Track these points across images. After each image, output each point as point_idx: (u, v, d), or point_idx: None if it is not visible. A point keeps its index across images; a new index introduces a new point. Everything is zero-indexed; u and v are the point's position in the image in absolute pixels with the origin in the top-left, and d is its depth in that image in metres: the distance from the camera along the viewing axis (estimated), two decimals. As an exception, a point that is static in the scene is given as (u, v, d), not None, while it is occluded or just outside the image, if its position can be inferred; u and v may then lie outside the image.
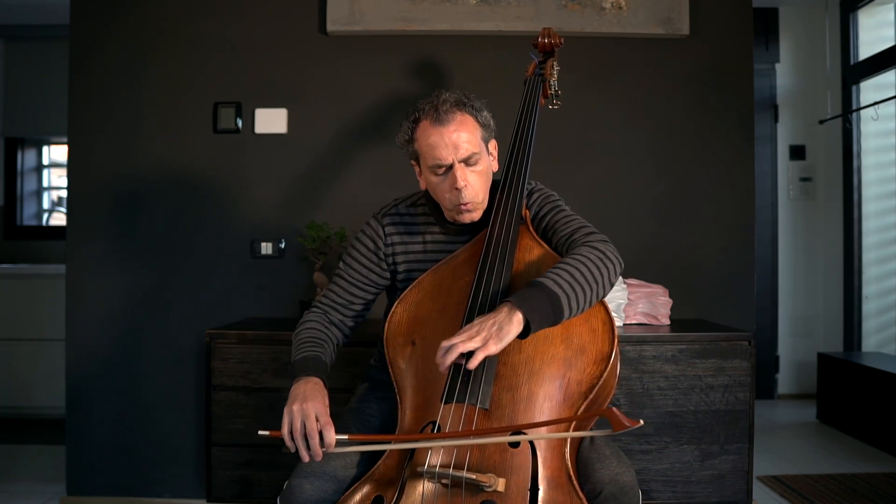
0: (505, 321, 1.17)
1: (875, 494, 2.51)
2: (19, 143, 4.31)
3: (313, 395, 1.27)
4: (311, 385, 1.31)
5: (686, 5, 2.38)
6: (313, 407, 1.24)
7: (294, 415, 1.23)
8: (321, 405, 1.25)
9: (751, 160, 2.45)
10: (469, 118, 1.42)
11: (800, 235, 4.17)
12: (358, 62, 2.44)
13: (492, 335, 1.16)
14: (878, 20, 3.87)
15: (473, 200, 1.42)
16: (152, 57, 2.45)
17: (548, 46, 1.82)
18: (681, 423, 1.98)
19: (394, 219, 1.56)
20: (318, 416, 1.23)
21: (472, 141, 1.40)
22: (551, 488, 1.17)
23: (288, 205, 2.44)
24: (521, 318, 1.18)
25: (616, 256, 1.34)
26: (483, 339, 1.16)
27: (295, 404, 1.25)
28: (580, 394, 1.25)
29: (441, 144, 1.38)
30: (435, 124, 1.39)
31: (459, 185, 1.38)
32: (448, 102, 1.40)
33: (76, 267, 2.44)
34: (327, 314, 1.55)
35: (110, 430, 2.43)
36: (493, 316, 1.19)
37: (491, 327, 1.17)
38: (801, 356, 4.14)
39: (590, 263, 1.28)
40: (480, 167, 1.42)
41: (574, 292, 1.23)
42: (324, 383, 1.34)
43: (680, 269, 2.41)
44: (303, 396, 1.27)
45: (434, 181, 1.43)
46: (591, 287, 1.26)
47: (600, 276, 1.28)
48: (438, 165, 1.40)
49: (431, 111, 1.40)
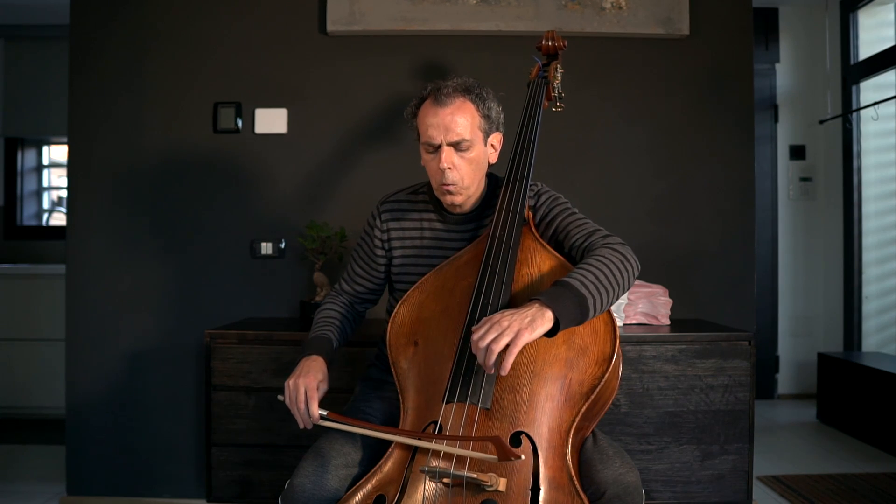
0: (538, 315, 1.19)
1: (875, 494, 2.51)
2: (19, 143, 4.31)
3: (307, 370, 1.40)
4: (309, 362, 1.43)
5: (686, 5, 2.38)
6: (304, 382, 1.36)
7: (289, 388, 1.38)
8: (312, 380, 1.37)
9: (751, 160, 2.45)
10: (469, 105, 1.45)
11: (800, 235, 4.18)
12: (358, 62, 2.44)
13: (524, 326, 1.17)
14: (878, 20, 3.87)
15: (457, 184, 1.45)
16: (152, 57, 2.45)
17: (552, 49, 1.82)
18: (681, 423, 1.99)
19: (391, 206, 1.62)
20: (308, 390, 1.35)
21: (466, 126, 1.43)
22: (552, 488, 1.17)
23: (288, 205, 2.44)
24: (551, 317, 1.20)
25: (635, 259, 1.38)
26: (514, 331, 1.16)
27: (291, 379, 1.39)
28: (582, 394, 1.25)
29: (434, 124, 1.43)
30: (434, 104, 1.44)
31: (442, 166, 1.43)
32: (452, 86, 1.45)
33: (76, 267, 2.44)
34: (340, 297, 1.68)
35: (110, 430, 2.43)
36: (525, 310, 1.20)
37: (523, 319, 1.18)
38: (801, 356, 4.14)
39: (612, 266, 1.31)
40: (471, 154, 1.45)
41: (599, 294, 1.26)
42: (324, 358, 1.46)
43: (680, 269, 2.41)
44: (299, 372, 1.40)
45: (426, 158, 1.49)
46: (614, 289, 1.29)
47: (622, 278, 1.32)
48: (429, 144, 1.45)
49: (435, 91, 1.45)
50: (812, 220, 4.18)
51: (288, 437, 2.01)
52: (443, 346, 1.33)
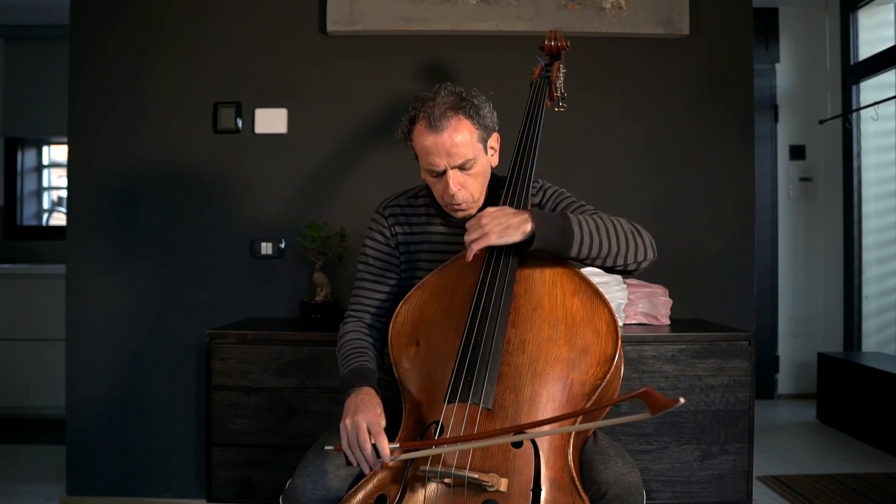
0: (517, 224, 1.28)
1: (875, 494, 2.51)
2: (19, 143, 4.31)
3: (364, 406, 1.26)
4: (361, 396, 1.30)
5: (686, 5, 2.38)
6: (364, 418, 1.22)
7: (348, 429, 1.23)
8: (373, 415, 1.24)
9: (751, 160, 2.45)
10: (465, 122, 1.40)
11: (800, 235, 4.18)
12: (358, 62, 2.44)
13: (496, 231, 1.27)
14: (878, 20, 3.87)
15: (467, 201, 1.45)
16: (152, 57, 2.45)
17: (554, 49, 1.82)
18: (681, 423, 1.99)
19: (394, 210, 1.59)
20: (370, 426, 1.21)
21: (466, 145, 1.39)
22: (554, 489, 1.17)
23: (288, 205, 2.44)
24: (528, 230, 1.28)
25: (651, 242, 1.40)
26: (484, 233, 1.27)
27: (347, 418, 1.24)
28: (583, 395, 1.25)
29: (434, 151, 1.39)
30: (429, 130, 1.38)
31: (452, 191, 1.41)
32: (444, 106, 1.38)
33: (76, 267, 2.44)
34: (361, 319, 1.55)
35: (110, 430, 2.43)
36: (512, 216, 1.29)
37: (500, 224, 1.27)
38: (801, 356, 4.14)
39: (619, 227, 1.36)
40: (476, 169, 1.43)
41: (591, 238, 1.32)
42: (375, 390, 1.34)
43: (680, 269, 2.41)
44: (354, 409, 1.26)
45: (430, 180, 1.47)
46: (609, 244, 1.33)
47: (625, 242, 1.36)
48: (432, 171, 1.42)
49: (427, 115, 1.39)
50: (812, 220, 4.18)
51: (288, 437, 2.02)
52: (444, 345, 1.33)
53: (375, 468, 1.21)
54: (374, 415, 1.24)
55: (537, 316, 1.31)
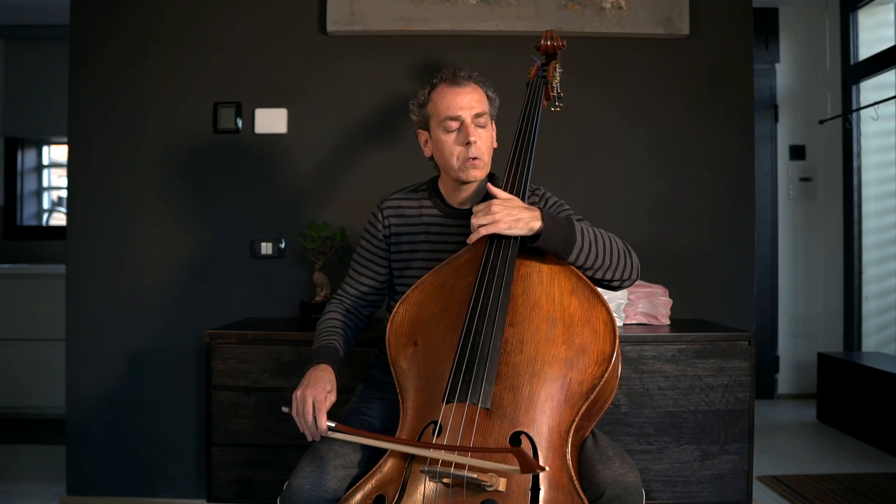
0: (527, 220, 1.35)
1: (875, 494, 2.51)
2: (19, 143, 4.31)
3: (315, 382, 1.38)
4: (317, 372, 1.42)
5: (686, 5, 2.38)
6: (311, 393, 1.35)
7: (297, 401, 1.36)
8: (320, 392, 1.36)
9: (751, 160, 2.45)
10: (480, 89, 1.57)
11: (800, 235, 4.18)
12: (358, 62, 2.44)
13: (505, 221, 1.34)
14: (878, 20, 3.87)
15: (481, 157, 1.54)
16: (152, 57, 2.45)
17: (550, 49, 1.82)
18: (681, 423, 1.99)
19: (391, 202, 1.67)
20: (315, 402, 1.34)
21: (483, 103, 1.56)
22: (552, 488, 1.17)
23: (288, 205, 2.44)
24: (537, 228, 1.35)
25: (638, 265, 1.49)
26: (494, 220, 1.34)
27: (298, 390, 1.37)
28: (581, 394, 1.25)
29: (456, 102, 1.53)
30: (452, 85, 1.55)
31: (471, 139, 1.51)
32: (464, 72, 1.57)
33: (76, 267, 2.44)
34: (342, 302, 1.67)
35: (110, 430, 2.43)
36: (523, 210, 1.36)
37: (510, 216, 1.35)
38: (801, 356, 4.14)
39: (613, 243, 1.45)
40: (487, 130, 1.56)
41: (590, 248, 1.39)
42: (332, 367, 1.45)
43: (680, 269, 2.41)
44: (307, 383, 1.39)
45: (444, 139, 1.54)
46: (604, 258, 1.41)
47: (618, 259, 1.44)
48: (453, 118, 1.52)
49: (449, 76, 1.56)
50: (812, 220, 4.18)
51: (288, 437, 2.01)
52: (442, 345, 1.33)
53: (316, 438, 1.35)
54: (322, 391, 1.36)
55: (535, 315, 1.31)
